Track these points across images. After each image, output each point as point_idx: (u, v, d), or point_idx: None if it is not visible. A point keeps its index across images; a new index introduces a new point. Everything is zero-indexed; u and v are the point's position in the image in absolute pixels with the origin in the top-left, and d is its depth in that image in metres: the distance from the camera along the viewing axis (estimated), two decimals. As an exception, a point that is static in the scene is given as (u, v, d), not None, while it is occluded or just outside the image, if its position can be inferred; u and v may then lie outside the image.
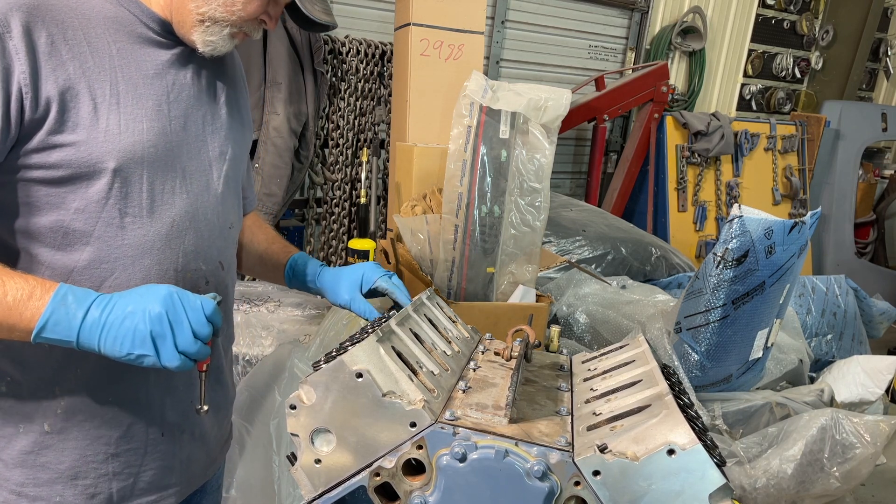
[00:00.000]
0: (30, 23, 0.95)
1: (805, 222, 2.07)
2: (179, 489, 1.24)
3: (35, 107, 0.96)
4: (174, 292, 0.97)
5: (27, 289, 0.92)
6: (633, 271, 3.59)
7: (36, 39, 0.96)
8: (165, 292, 0.96)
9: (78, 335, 0.93)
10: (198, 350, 0.97)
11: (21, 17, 0.95)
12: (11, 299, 0.91)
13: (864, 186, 6.65)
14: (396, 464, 0.89)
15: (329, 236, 4.25)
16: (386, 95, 4.12)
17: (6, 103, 0.94)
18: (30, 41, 0.95)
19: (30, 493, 1.10)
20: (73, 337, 0.93)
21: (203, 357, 0.99)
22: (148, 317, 0.93)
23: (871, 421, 2.20)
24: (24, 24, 0.95)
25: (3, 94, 0.93)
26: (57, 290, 0.93)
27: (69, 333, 0.93)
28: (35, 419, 1.08)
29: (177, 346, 0.95)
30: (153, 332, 0.93)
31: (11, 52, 0.94)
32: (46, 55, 0.97)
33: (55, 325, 0.92)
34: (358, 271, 1.39)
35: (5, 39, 0.93)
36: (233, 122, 1.26)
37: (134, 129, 1.05)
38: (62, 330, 0.92)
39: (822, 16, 6.50)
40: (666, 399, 0.89)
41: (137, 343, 0.93)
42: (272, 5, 1.14)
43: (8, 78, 0.94)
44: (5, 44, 0.93)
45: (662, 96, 4.94)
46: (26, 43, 0.95)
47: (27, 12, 0.95)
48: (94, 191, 1.02)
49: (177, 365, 0.95)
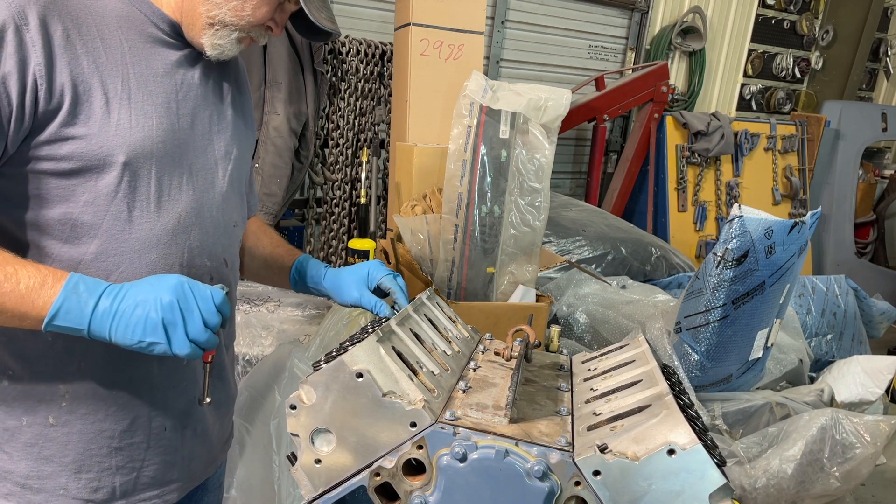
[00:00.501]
0: (46, 16, 0.97)
1: (805, 222, 2.07)
2: (181, 485, 1.25)
3: (49, 98, 0.97)
4: (185, 282, 0.98)
5: (39, 277, 0.93)
6: (633, 271, 3.59)
7: (52, 32, 0.97)
8: (176, 281, 0.97)
9: (89, 323, 0.94)
10: (207, 339, 0.98)
11: (38, 10, 0.96)
12: (24, 287, 0.92)
13: (864, 186, 6.65)
14: (396, 464, 0.89)
15: (329, 236, 4.25)
16: (386, 95, 4.12)
17: (21, 94, 0.95)
18: (46, 34, 0.96)
19: (34, 486, 1.11)
20: (85, 325, 0.94)
21: (212, 346, 1.00)
22: (160, 305, 0.95)
23: (871, 421, 2.20)
24: (41, 16, 0.96)
25: (18, 85, 0.94)
26: (69, 279, 0.94)
27: (80, 322, 0.94)
28: (38, 412, 1.09)
29: (188, 334, 0.96)
30: (164, 320, 0.95)
31: (28, 44, 0.95)
32: (62, 48, 0.98)
33: (67, 314, 0.93)
34: (363, 269, 1.40)
35: (22, 31, 0.94)
36: (238, 123, 1.28)
37: (144, 124, 1.06)
38: (74, 318, 0.93)
39: (822, 16, 6.50)
40: (666, 399, 0.90)
41: (149, 331, 0.94)
42: (279, 12, 1.16)
43: (24, 69, 0.95)
44: (22, 36, 0.94)
45: (662, 96, 4.94)
46: (42, 35, 0.96)
47: (44, 6, 0.97)
48: (103, 184, 1.03)
49: (187, 353, 0.96)
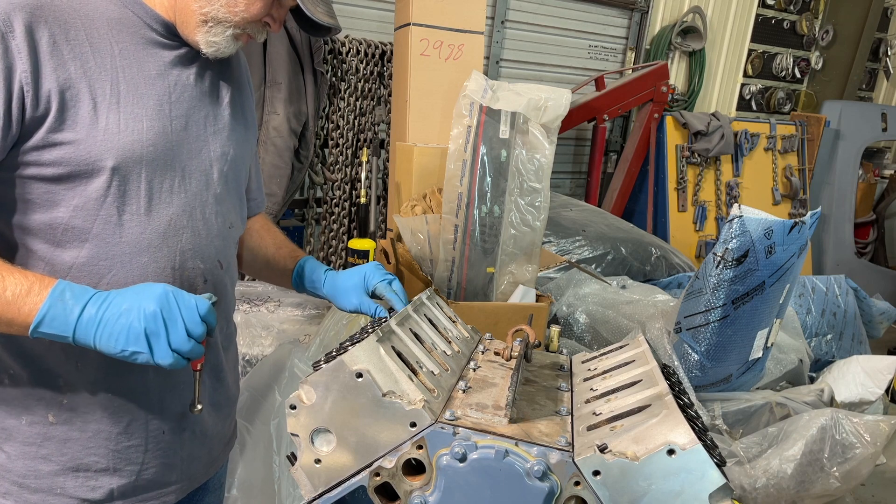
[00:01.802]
0: (32, 22, 0.96)
1: (805, 222, 2.07)
2: (180, 486, 1.24)
3: (36, 105, 0.97)
4: (170, 291, 0.97)
5: (26, 284, 0.94)
6: (633, 271, 3.59)
7: (38, 39, 0.97)
8: (161, 291, 0.97)
9: (74, 331, 0.94)
10: (191, 349, 0.98)
11: (23, 16, 0.95)
12: (10, 294, 0.93)
13: (864, 186, 6.65)
14: (396, 464, 0.89)
15: (329, 236, 4.25)
16: (386, 95, 4.12)
17: (7, 102, 0.95)
18: (32, 41, 0.96)
19: (31, 485, 1.11)
20: (70, 332, 0.94)
21: (196, 356, 1.00)
22: (143, 314, 0.94)
23: (871, 421, 2.20)
24: (27, 23, 0.96)
25: (5, 93, 0.94)
26: (55, 287, 0.94)
27: (65, 329, 0.94)
28: (37, 411, 1.09)
29: (170, 344, 0.96)
30: (147, 330, 0.94)
31: (14, 52, 0.94)
32: (48, 54, 0.97)
33: (52, 321, 0.93)
34: (360, 274, 1.38)
35: (8, 39, 0.94)
36: (236, 123, 1.26)
37: (134, 128, 1.05)
38: (59, 325, 0.94)
39: (822, 16, 6.50)
40: (666, 399, 0.89)
41: (132, 340, 0.94)
42: (276, 7, 1.14)
43: (10, 77, 0.94)
44: (7, 43, 0.94)
45: (662, 96, 4.94)
46: (28, 42, 0.95)
47: (30, 12, 0.96)
48: (92, 189, 1.03)
49: (170, 363, 0.96)
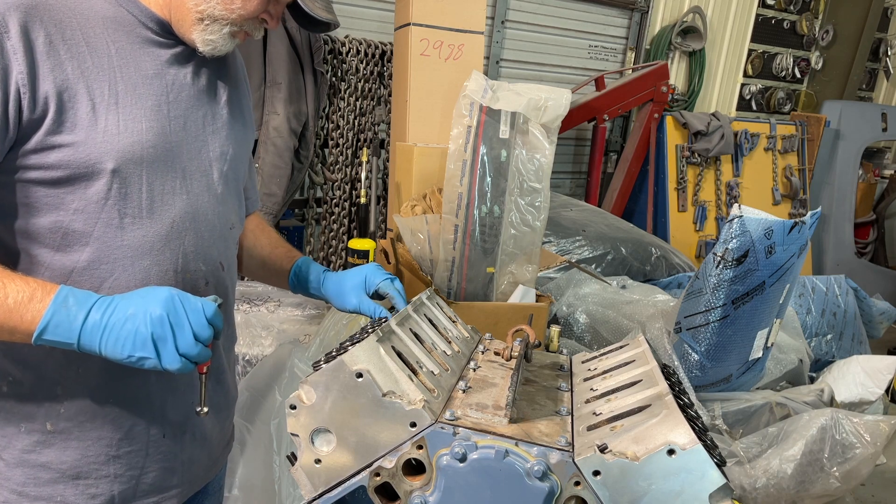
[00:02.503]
0: (28, 23, 0.95)
1: (805, 222, 2.07)
2: (181, 490, 1.24)
3: (33, 107, 0.96)
4: (175, 295, 0.96)
5: (28, 291, 0.92)
6: (633, 271, 3.59)
7: (34, 39, 0.95)
8: (167, 295, 0.95)
9: (79, 337, 0.93)
10: (199, 352, 0.96)
11: (19, 17, 0.94)
12: (12, 302, 0.91)
13: (864, 186, 6.65)
14: (396, 464, 0.89)
15: (329, 236, 4.25)
16: (386, 95, 4.12)
17: (4, 104, 0.93)
18: (27, 41, 0.95)
19: (31, 493, 1.10)
20: (74, 339, 0.93)
21: (204, 359, 0.98)
22: (149, 319, 0.93)
23: (871, 421, 2.20)
24: (22, 24, 0.94)
25: (1, 95, 0.93)
26: (58, 293, 0.93)
27: (70, 336, 0.92)
28: (37, 419, 1.08)
29: (178, 349, 0.94)
30: (154, 335, 0.93)
31: (9, 53, 0.93)
32: (44, 55, 0.96)
33: (56, 328, 0.92)
34: (360, 274, 1.38)
35: (3, 40, 0.92)
36: (234, 122, 1.24)
37: (133, 129, 1.04)
38: (63, 332, 0.92)
39: (822, 16, 6.50)
40: (666, 399, 0.89)
41: (139, 346, 0.93)
42: (273, 4, 1.12)
43: (6, 78, 0.93)
44: (3, 44, 0.93)
45: (662, 96, 4.94)
46: (24, 43, 0.94)
47: (25, 12, 0.95)
48: (92, 191, 1.02)
49: (177, 367, 0.94)
